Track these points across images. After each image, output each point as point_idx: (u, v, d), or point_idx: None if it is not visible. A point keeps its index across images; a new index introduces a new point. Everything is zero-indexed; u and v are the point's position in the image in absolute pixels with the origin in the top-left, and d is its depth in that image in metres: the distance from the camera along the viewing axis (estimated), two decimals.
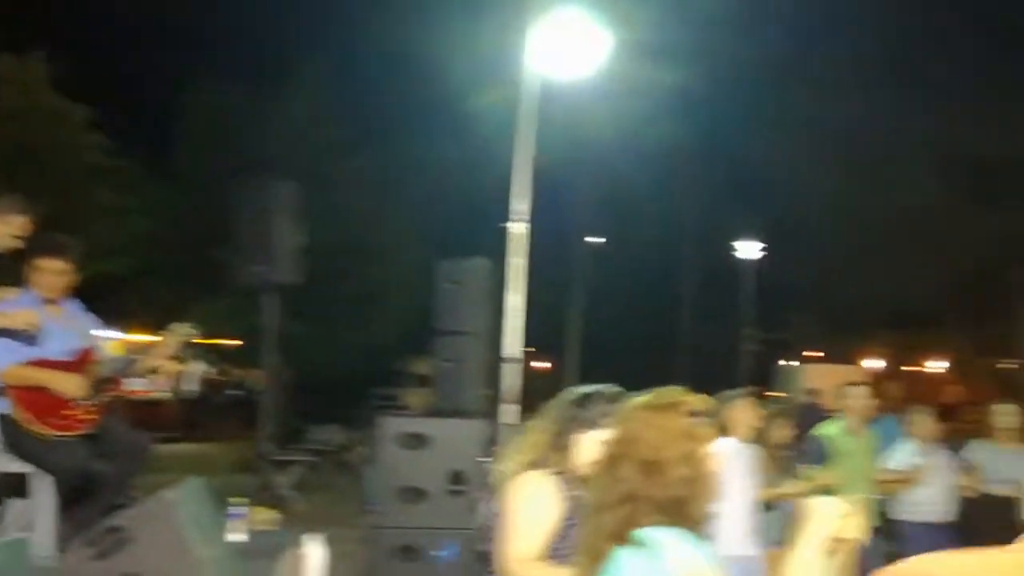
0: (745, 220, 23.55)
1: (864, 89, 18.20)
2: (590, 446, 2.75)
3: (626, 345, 27.85)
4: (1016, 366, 20.24)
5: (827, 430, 6.12)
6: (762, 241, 24.37)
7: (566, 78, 8.04)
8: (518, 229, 6.63)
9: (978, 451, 6.69)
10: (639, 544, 1.99)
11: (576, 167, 21.09)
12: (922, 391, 35.85)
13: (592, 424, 2.88)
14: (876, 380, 27.71)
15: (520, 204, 6.71)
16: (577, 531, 2.55)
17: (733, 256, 25.11)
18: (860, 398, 6.13)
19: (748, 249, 24.75)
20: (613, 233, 25.79)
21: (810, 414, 18.85)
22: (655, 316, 28.76)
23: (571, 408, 2.98)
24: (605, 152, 19.79)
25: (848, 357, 27.13)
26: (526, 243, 6.71)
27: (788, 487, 5.30)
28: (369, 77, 17.39)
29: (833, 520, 1.95)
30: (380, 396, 13.23)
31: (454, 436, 6.43)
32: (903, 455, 6.40)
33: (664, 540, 1.99)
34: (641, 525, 2.01)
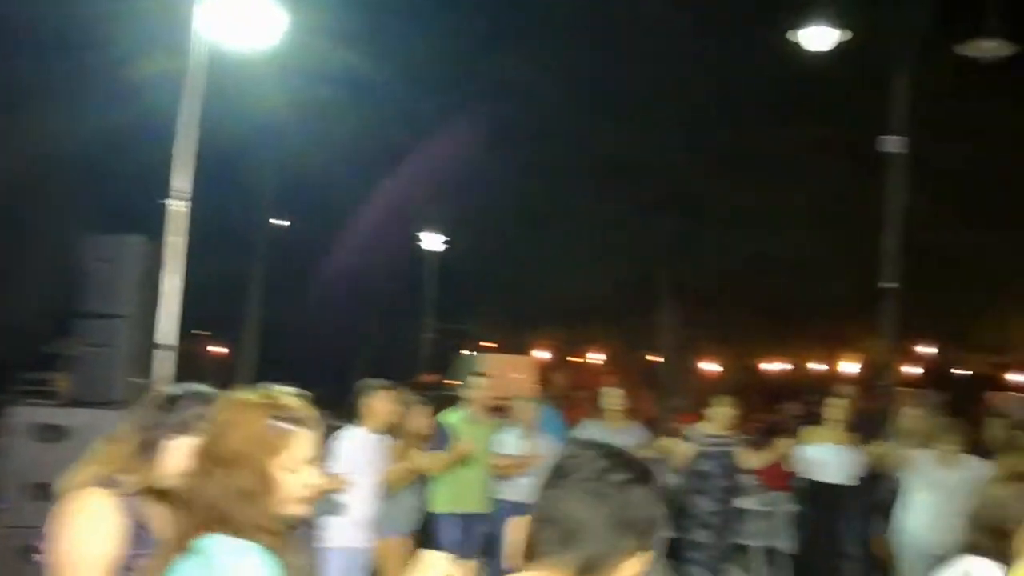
0: (430, 211, 24.10)
1: (547, 91, 19.17)
2: (179, 454, 2.40)
3: (308, 332, 27.48)
4: (661, 359, 22.36)
5: (449, 417, 6.38)
6: (446, 233, 25.08)
7: (240, 52, 7.72)
8: (178, 207, 6.28)
9: (588, 430, 7.29)
10: (195, 552, 1.88)
11: (260, 149, 20.44)
12: (585, 380, 38.80)
13: (182, 428, 2.49)
14: (544, 369, 29.46)
15: (181, 181, 6.35)
16: (144, 564, 2.24)
17: (417, 246, 25.61)
18: (480, 388, 6.53)
19: (432, 240, 25.35)
20: (298, 218, 25.32)
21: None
22: (338, 303, 28.63)
23: (157, 411, 2.58)
24: (290, 135, 19.33)
25: (522, 348, 28.68)
26: (186, 222, 6.37)
27: (406, 465, 5.36)
28: (21, 36, 15.65)
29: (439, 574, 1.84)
30: (28, 381, 12.10)
31: (97, 428, 5.98)
32: (508, 440, 6.82)
33: (219, 549, 1.87)
34: (205, 532, 1.89)
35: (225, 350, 29.71)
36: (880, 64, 11.24)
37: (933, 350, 26.77)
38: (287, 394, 2.11)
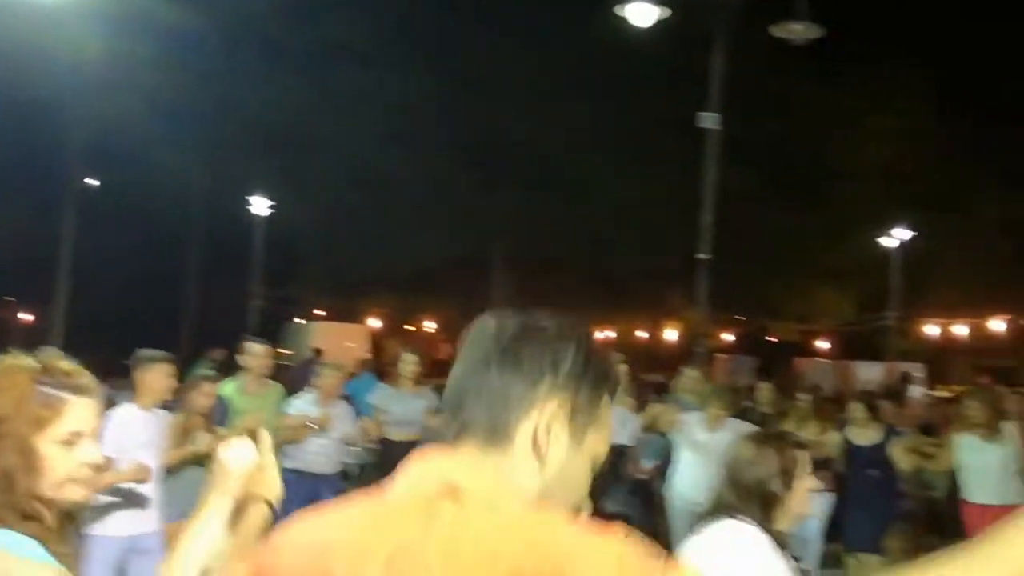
0: (257, 174, 23.29)
1: (382, 55, 18.82)
2: None
3: (126, 298, 26.13)
4: None
5: (225, 389, 6.10)
6: (275, 198, 24.31)
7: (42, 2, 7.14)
8: None
9: (379, 394, 7.28)
10: None
11: (70, 106, 19.11)
12: (419, 348, 38.82)
13: None
14: (376, 337, 29.26)
15: None
16: None
17: (244, 210, 24.73)
18: (260, 357, 6.20)
19: (259, 204, 24.53)
20: (114, 178, 23.92)
21: (309, 369, 19.23)
22: (159, 269, 27.38)
23: None
24: (102, 91, 18.15)
25: (355, 316, 28.31)
26: None
27: (188, 448, 5.02)
28: None
29: (243, 467, 1.80)
30: None
31: None
32: (301, 404, 6.67)
33: None
34: None
35: (31, 317, 27.89)
36: (700, 43, 11.64)
37: (746, 319, 28.27)
38: (62, 359, 1.84)
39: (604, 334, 33.71)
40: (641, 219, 18.40)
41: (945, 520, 7.44)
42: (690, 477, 6.41)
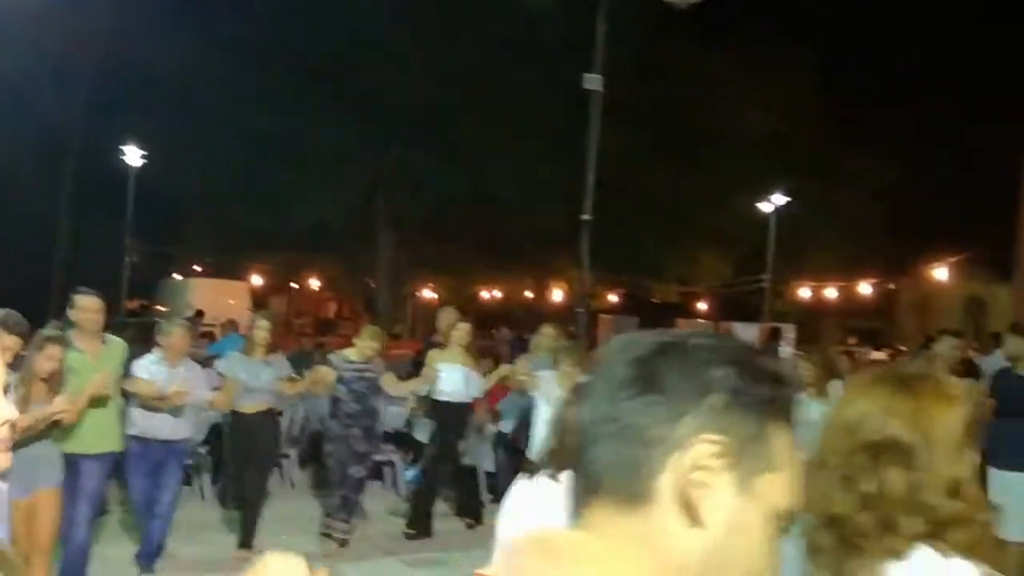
0: (131, 126, 22.29)
1: (267, 8, 18.21)
2: None
3: None
4: (374, 287, 22.45)
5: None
6: (151, 151, 23.34)
7: None
8: None
9: (229, 362, 7.00)
10: None
11: None
12: (305, 306, 38.28)
13: None
14: (258, 295, 28.59)
15: None
16: None
17: (118, 163, 23.67)
18: (89, 311, 5.75)
19: (132, 155, 23.52)
20: None
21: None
22: (28, 221, 26.01)
23: None
24: None
25: (236, 274, 27.58)
26: None
27: (36, 415, 4.78)
28: None
29: None
30: None
31: None
32: (146, 364, 6.31)
33: None
34: None
35: None
36: (586, 5, 11.65)
37: (629, 280, 28.83)
38: None
39: (491, 294, 33.90)
40: (527, 181, 18.45)
41: None
42: (545, 434, 6.43)
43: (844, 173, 25.68)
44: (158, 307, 26.05)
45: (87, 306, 5.67)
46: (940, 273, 27.60)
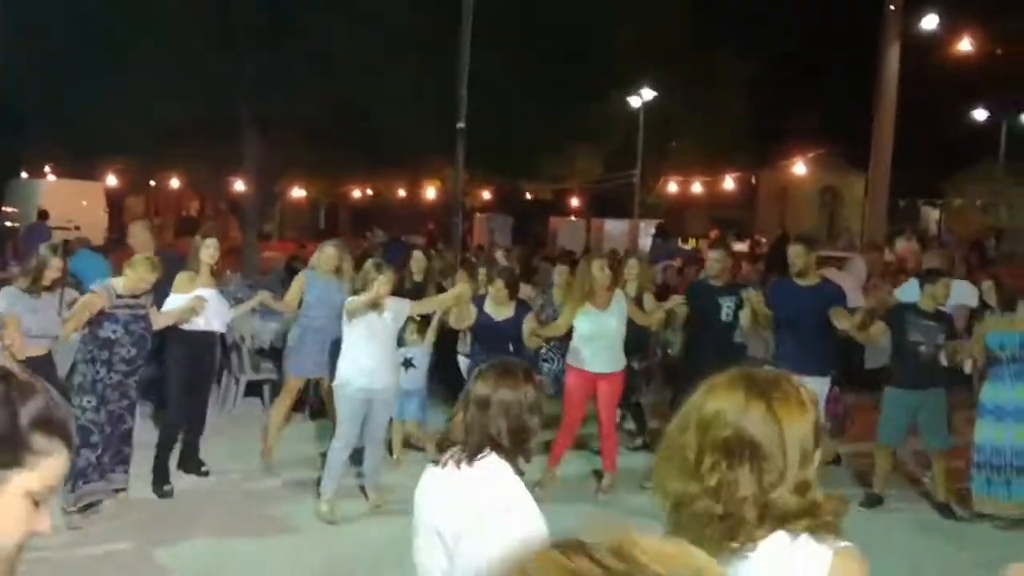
0: None
1: None
2: None
3: None
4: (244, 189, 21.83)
5: None
6: None
7: None
8: None
9: (9, 298, 5.96)
10: None
11: None
12: (165, 206, 36.86)
13: None
14: (113, 196, 27.24)
15: None
16: None
17: None
18: None
19: None
20: None
21: (38, 232, 17.64)
22: None
23: None
24: None
25: (90, 175, 26.14)
26: None
27: None
28: None
29: None
30: None
31: None
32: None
33: None
34: None
35: None
36: None
37: (503, 179, 28.88)
38: None
39: (363, 193, 33.35)
40: (398, 87, 17.99)
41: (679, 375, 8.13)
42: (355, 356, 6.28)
43: (710, 69, 26.10)
44: (5, 208, 24.58)
45: None
46: (799, 168, 28.76)
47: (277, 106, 18.36)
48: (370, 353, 6.16)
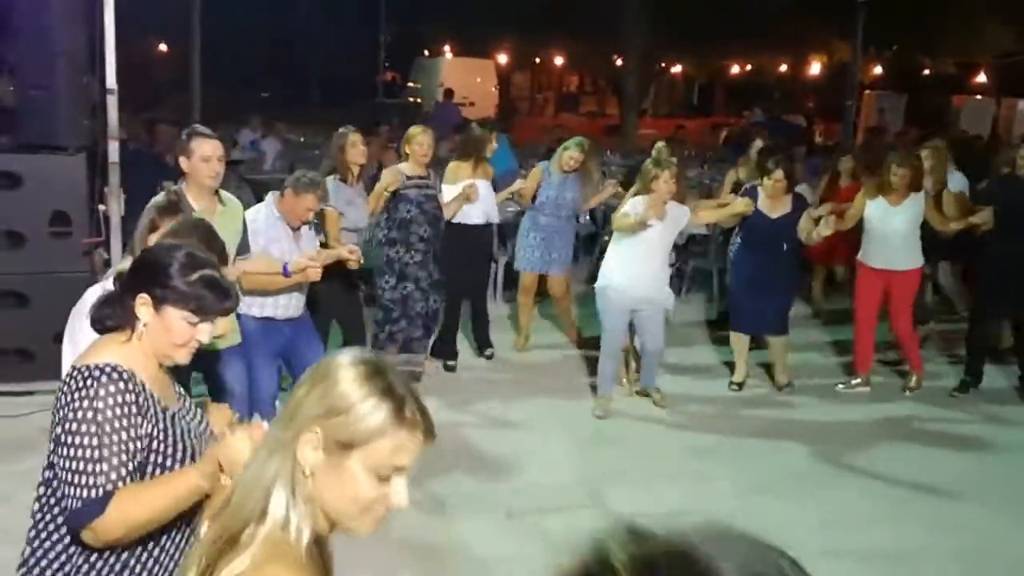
0: None
1: None
2: None
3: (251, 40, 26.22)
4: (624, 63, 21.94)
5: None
6: None
7: None
8: None
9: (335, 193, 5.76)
10: None
11: None
12: (547, 82, 38.18)
13: None
14: (502, 72, 28.53)
15: None
16: None
17: None
18: (213, 159, 4.38)
19: None
20: None
21: (446, 110, 18.88)
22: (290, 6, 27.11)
23: None
24: None
25: (480, 51, 27.65)
26: None
27: None
28: None
29: None
30: None
31: (51, 174, 5.80)
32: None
33: None
34: None
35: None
36: None
37: (894, 53, 26.30)
38: None
39: (740, 68, 32.00)
40: None
41: None
42: None
43: None
44: (410, 84, 26.87)
45: (208, 153, 4.19)
46: None
47: None
48: (634, 259, 5.86)
